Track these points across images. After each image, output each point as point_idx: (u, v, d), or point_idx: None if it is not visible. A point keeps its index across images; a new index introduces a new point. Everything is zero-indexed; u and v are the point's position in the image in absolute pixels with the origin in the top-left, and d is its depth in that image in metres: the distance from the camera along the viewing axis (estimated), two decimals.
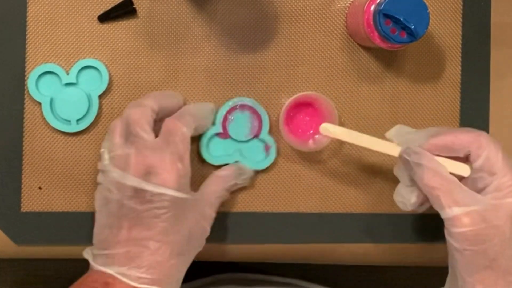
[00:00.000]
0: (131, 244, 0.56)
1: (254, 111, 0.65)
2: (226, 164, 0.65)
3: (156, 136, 0.60)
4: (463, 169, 0.58)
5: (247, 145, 0.66)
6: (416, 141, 0.60)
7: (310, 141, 0.66)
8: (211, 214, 0.62)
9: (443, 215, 0.56)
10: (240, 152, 0.65)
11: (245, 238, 0.67)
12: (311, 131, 0.66)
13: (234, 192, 0.66)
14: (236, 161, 0.65)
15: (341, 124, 0.67)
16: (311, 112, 0.67)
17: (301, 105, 0.66)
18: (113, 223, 0.57)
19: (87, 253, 0.59)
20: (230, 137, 0.65)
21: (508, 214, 0.55)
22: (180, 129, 0.59)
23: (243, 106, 0.65)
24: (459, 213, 0.55)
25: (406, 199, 0.60)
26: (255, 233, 0.67)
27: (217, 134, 0.65)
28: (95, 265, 0.57)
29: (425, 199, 0.59)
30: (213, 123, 0.65)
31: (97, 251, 0.58)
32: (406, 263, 0.71)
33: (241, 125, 0.65)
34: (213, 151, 0.66)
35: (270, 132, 0.66)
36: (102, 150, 0.60)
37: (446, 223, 0.56)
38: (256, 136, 0.66)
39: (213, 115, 0.65)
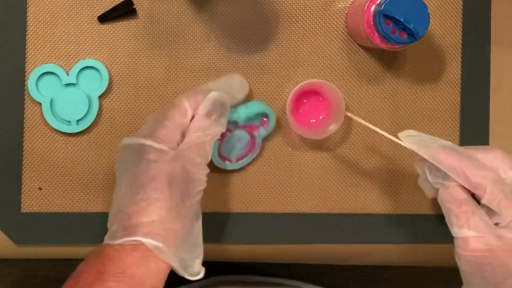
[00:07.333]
0: None
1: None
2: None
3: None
4: None
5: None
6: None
7: (319, 128, 0.66)
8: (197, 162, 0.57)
9: (452, 233, 0.56)
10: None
11: (245, 238, 0.67)
12: (320, 117, 0.66)
13: (234, 192, 0.66)
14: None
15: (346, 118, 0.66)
16: (317, 99, 0.67)
17: (307, 93, 0.66)
18: None
19: None
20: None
21: None
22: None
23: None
24: (468, 235, 0.54)
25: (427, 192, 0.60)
26: (255, 233, 0.67)
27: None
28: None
29: None
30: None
31: None
32: (406, 263, 0.71)
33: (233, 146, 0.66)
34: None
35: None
36: None
37: (455, 242, 0.56)
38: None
39: (241, 84, 0.65)
